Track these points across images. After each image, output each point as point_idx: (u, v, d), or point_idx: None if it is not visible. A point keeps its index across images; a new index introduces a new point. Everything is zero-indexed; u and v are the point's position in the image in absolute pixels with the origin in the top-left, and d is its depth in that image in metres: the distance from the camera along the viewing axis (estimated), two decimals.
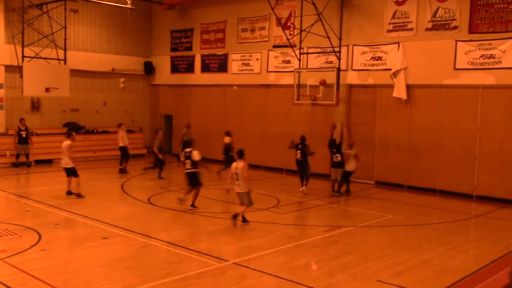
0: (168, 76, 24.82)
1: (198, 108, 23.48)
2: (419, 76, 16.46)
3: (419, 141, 16.61)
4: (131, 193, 15.27)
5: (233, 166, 11.54)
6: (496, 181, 15.14)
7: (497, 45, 14.85)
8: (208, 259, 9.11)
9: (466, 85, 15.54)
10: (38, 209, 13.00)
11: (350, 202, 14.99)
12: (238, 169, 11.32)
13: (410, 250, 9.98)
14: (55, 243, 9.94)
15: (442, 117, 16.13)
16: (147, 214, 12.88)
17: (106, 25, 23.83)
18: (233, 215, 11.48)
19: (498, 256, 9.77)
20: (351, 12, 17.95)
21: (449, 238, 11.12)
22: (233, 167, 11.53)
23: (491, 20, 15.00)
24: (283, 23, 19.47)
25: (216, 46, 22.54)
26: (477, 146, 15.44)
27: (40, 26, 20.98)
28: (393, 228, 11.86)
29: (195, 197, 13.14)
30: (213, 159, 22.36)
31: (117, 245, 9.89)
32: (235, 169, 11.37)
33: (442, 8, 15.94)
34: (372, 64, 17.56)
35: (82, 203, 13.57)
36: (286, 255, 9.60)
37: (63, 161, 14.50)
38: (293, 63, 19.37)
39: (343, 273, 8.64)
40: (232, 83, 21.98)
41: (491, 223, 12.75)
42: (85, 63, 22.77)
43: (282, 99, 19.94)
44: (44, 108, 22.03)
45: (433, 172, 16.18)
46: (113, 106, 24.38)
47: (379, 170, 17.63)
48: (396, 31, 16.98)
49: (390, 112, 17.29)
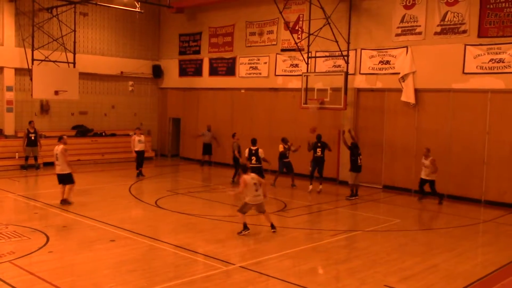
0: (176, 80, 24.90)
1: (206, 111, 23.52)
2: (427, 80, 16.40)
3: (427, 145, 16.50)
4: (138, 196, 15.31)
5: (251, 178, 11.07)
6: (504, 186, 15.03)
7: (507, 49, 14.76)
8: (214, 262, 9.11)
9: (475, 90, 15.47)
10: (46, 211, 13.06)
11: (357, 206, 14.94)
12: (256, 180, 11.08)
13: (417, 255, 9.93)
14: (63, 245, 9.98)
15: (450, 121, 16.05)
16: (154, 217, 12.91)
17: (115, 29, 23.97)
18: (271, 226, 11.29)
19: (506, 262, 9.69)
20: (360, 16, 17.93)
21: (457, 243, 11.04)
22: (251, 179, 11.06)
23: (501, 24, 14.93)
24: (291, 27, 19.48)
25: (224, 49, 22.59)
26: (486, 151, 15.35)
27: (50, 29, 21.15)
28: (401, 233, 11.80)
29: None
30: (221, 163, 22.44)
31: (124, 247, 9.92)
32: (253, 180, 11.06)
33: (451, 12, 15.88)
34: (380, 68, 17.52)
35: (89, 206, 13.61)
36: (293, 259, 9.58)
37: (59, 167, 13.42)
38: (301, 67, 19.37)
39: (350, 277, 8.61)
40: (240, 86, 22.02)
41: (500, 229, 12.66)
42: (94, 66, 22.91)
43: (289, 103, 19.93)
44: (53, 111, 22.17)
45: (441, 176, 16.07)
46: (121, 109, 24.49)
47: (387, 174, 17.56)
48: (404, 35, 16.93)
49: (398, 116, 17.23)
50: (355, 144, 15.89)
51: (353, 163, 15.64)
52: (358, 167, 15.61)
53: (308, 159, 17.21)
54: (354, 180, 15.68)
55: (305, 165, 17.71)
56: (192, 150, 23.79)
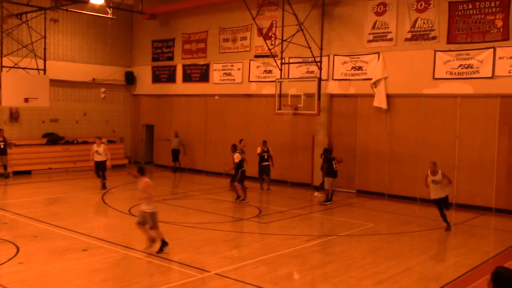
0: (149, 86, 24.72)
1: (180, 118, 23.40)
2: (399, 86, 16.64)
3: (399, 150, 16.76)
4: (111, 204, 15.10)
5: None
6: (475, 189, 15.33)
7: (475, 55, 15.10)
8: (190, 270, 9.03)
9: (445, 95, 15.77)
10: (16, 221, 12.76)
11: (331, 211, 15.02)
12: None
13: (391, 258, 10.03)
14: (34, 256, 9.75)
15: (421, 126, 16.31)
16: (128, 225, 12.72)
17: (86, 35, 23.68)
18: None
19: (477, 263, 9.86)
20: (332, 22, 18.11)
21: (429, 246, 11.20)
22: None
23: (469, 31, 15.27)
24: (264, 33, 19.55)
25: (198, 56, 22.54)
26: (456, 155, 15.63)
27: (19, 35, 20.75)
28: (375, 237, 11.91)
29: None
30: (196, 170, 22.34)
31: (97, 256, 9.76)
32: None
33: (421, 18, 16.18)
34: (353, 74, 17.71)
35: (61, 215, 13.37)
36: (268, 265, 9.57)
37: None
38: (274, 73, 19.44)
39: (325, 282, 8.64)
40: (213, 93, 21.98)
41: (471, 231, 12.88)
42: (65, 73, 22.56)
43: (263, 109, 19.98)
44: (23, 119, 21.74)
45: (413, 180, 16.31)
46: (93, 116, 24.16)
47: (360, 179, 17.73)
48: (376, 41, 17.17)
49: (371, 122, 17.44)
50: (328, 149, 16.00)
51: (329, 168, 15.73)
52: (334, 172, 15.71)
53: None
54: (330, 185, 15.76)
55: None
56: (165, 157, 23.61)
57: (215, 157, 21.51)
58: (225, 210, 14.51)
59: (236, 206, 14.70)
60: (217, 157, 21.28)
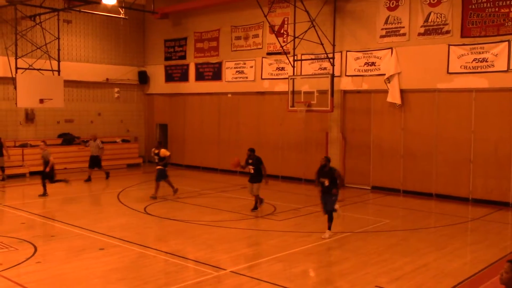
0: (163, 85, 24.82)
1: (193, 116, 23.47)
2: (412, 81, 16.52)
3: (414, 145, 16.64)
4: (127, 203, 15.20)
5: None
6: (491, 184, 15.17)
7: (489, 49, 14.93)
8: (205, 268, 9.07)
9: (460, 89, 15.62)
10: (33, 221, 12.92)
11: (346, 208, 14.97)
12: None
13: (407, 255, 9.97)
14: (51, 255, 9.87)
15: (436, 121, 16.18)
16: (144, 224, 12.83)
17: (99, 35, 23.84)
18: None
19: (495, 259, 9.77)
20: (344, 18, 18.02)
21: (446, 242, 11.11)
22: None
23: (483, 24, 15.09)
24: (276, 31, 19.53)
25: (210, 54, 22.57)
26: (472, 150, 15.48)
27: (33, 37, 20.97)
28: (391, 233, 11.85)
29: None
30: (210, 168, 22.40)
31: (113, 256, 9.83)
32: None
33: (434, 13, 16.03)
34: (366, 69, 17.61)
35: (78, 214, 13.49)
36: (284, 263, 9.56)
37: None
38: (287, 70, 19.41)
39: (341, 279, 8.61)
40: (226, 91, 22.00)
41: (488, 226, 12.76)
42: (79, 74, 22.75)
43: (276, 106, 19.96)
44: (39, 120, 21.97)
45: (428, 176, 16.20)
46: (107, 116, 24.34)
47: (375, 175, 17.64)
48: (389, 36, 17.05)
49: (385, 117, 17.33)
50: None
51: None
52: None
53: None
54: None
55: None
56: (180, 156, 23.69)
57: (229, 155, 21.52)
58: (240, 208, 14.53)
59: (251, 204, 14.66)
60: (230, 155, 21.28)
